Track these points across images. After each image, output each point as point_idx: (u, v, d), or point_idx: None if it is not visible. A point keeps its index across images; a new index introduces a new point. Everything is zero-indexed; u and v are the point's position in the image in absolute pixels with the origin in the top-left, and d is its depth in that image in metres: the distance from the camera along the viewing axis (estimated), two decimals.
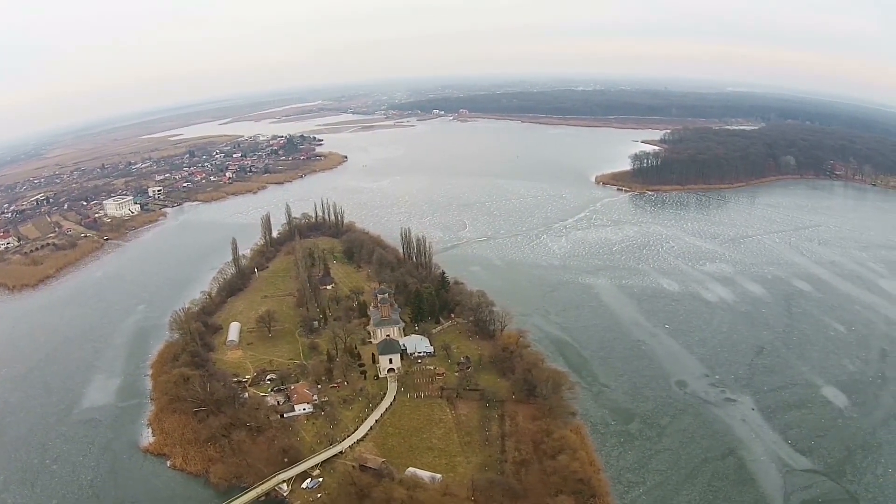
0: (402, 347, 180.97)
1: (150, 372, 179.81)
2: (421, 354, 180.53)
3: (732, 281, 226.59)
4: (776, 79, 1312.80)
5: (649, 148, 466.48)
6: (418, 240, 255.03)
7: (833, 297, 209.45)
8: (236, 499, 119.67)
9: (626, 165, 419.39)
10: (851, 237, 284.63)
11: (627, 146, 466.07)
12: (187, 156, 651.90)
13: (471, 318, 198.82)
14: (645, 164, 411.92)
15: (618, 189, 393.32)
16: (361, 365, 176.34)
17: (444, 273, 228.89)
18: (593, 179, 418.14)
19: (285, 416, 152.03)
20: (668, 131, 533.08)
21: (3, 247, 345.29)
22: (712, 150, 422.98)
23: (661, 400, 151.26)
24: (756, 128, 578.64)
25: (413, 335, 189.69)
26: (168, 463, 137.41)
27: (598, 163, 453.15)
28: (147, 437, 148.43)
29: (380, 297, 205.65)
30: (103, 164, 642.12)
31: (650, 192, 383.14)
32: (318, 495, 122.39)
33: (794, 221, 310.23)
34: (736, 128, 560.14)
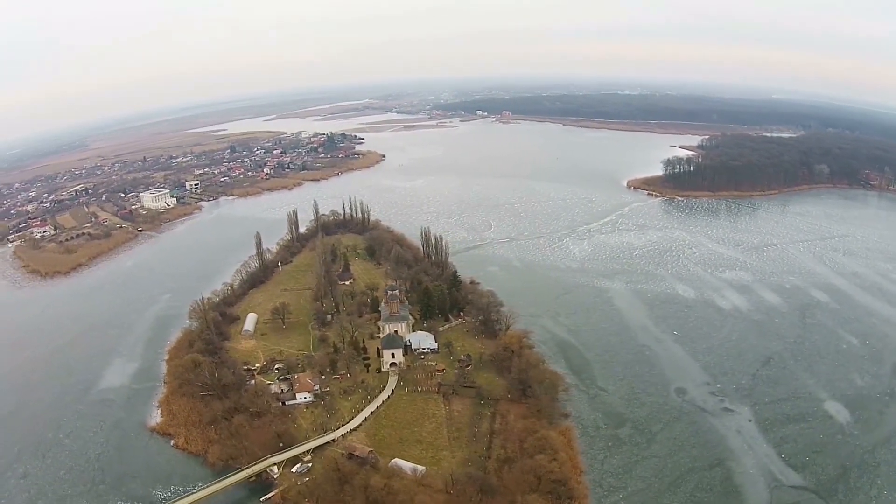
0: (407, 343, 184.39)
1: (166, 357, 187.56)
2: (425, 350, 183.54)
3: (749, 289, 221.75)
4: (821, 86, 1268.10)
5: (685, 153, 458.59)
6: (436, 239, 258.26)
7: (851, 309, 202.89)
8: (227, 478, 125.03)
9: (660, 170, 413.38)
10: (878, 248, 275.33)
11: (664, 151, 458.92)
12: (228, 151, 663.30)
13: (479, 318, 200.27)
14: (677, 170, 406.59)
15: (648, 194, 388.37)
16: (366, 358, 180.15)
17: (456, 272, 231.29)
18: (625, 184, 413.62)
19: (286, 403, 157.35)
20: (706, 137, 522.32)
21: (39, 235, 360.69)
22: (746, 156, 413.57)
23: (656, 406, 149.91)
24: (794, 135, 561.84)
25: (419, 332, 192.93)
26: (172, 442, 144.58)
27: (633, 167, 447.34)
28: (155, 418, 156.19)
29: (389, 293, 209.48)
30: (144, 157, 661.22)
31: (680, 198, 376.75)
32: (306, 479, 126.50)
33: (821, 231, 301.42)
34: (774, 135, 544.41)
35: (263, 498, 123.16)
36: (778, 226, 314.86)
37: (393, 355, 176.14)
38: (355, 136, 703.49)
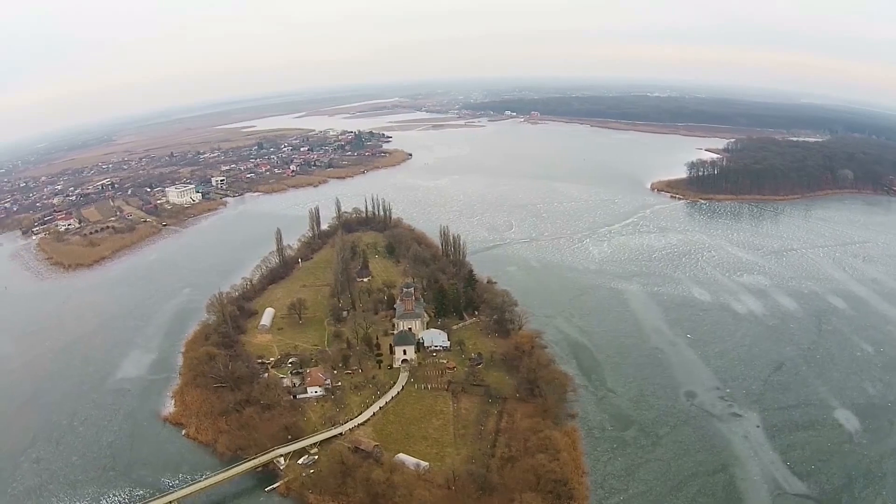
0: (420, 340, 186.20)
1: (182, 349, 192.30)
2: (437, 348, 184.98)
3: (766, 294, 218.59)
4: (849, 91, 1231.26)
5: (710, 156, 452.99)
6: (454, 238, 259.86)
7: (867, 315, 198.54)
8: (234, 467, 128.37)
9: (684, 173, 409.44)
10: None
11: (689, 153, 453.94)
12: (256, 147, 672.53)
13: (493, 317, 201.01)
14: (701, 173, 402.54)
15: (671, 196, 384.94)
16: (379, 355, 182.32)
17: (471, 271, 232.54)
18: (648, 186, 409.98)
19: (297, 396, 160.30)
20: (732, 140, 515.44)
21: (63, 228, 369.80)
22: (770, 160, 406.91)
23: (664, 409, 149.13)
24: (820, 140, 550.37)
25: (432, 329, 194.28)
26: (183, 432, 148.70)
27: (657, 169, 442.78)
28: (168, 408, 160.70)
29: (404, 290, 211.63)
30: (172, 153, 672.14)
31: (703, 201, 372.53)
32: (311, 471, 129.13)
33: (842, 236, 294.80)
34: (799, 139, 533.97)
35: (268, 488, 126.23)
36: (799, 230, 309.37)
37: (405, 352, 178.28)
38: (383, 135, 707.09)
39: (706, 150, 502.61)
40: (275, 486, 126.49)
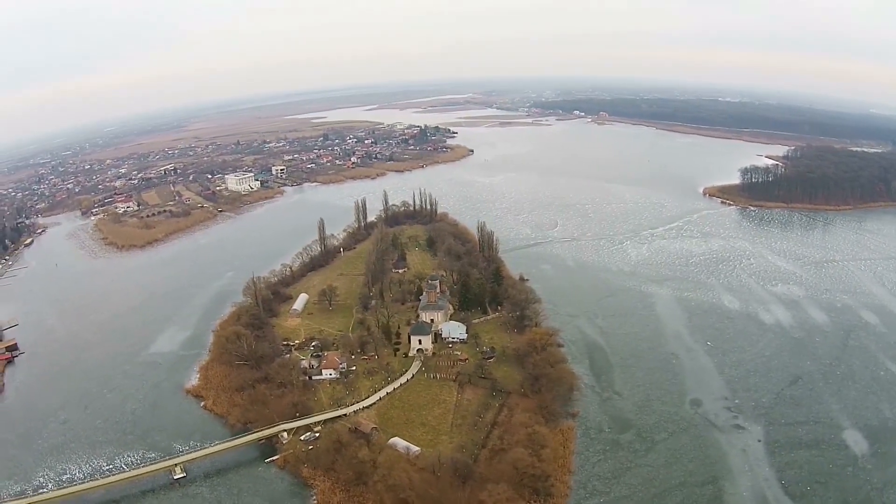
0: (437, 331, 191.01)
1: (215, 328, 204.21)
2: (454, 340, 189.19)
3: (798, 305, 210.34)
4: None
5: (766, 163, 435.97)
6: (488, 234, 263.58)
7: None
8: (239, 437, 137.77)
9: (738, 179, 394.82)
10: None
11: (749, 159, 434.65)
12: (321, 139, 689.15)
13: (516, 313, 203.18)
14: (754, 179, 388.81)
15: (722, 202, 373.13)
16: (398, 343, 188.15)
17: (499, 267, 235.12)
18: (701, 190, 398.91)
19: (312, 378, 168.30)
20: (793, 148, 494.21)
21: (122, 210, 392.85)
22: (824, 169, 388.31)
23: (666, 415, 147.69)
24: (880, 151, 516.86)
25: (452, 321, 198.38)
26: (202, 404, 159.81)
27: (713, 174, 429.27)
28: (193, 381, 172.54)
29: (430, 283, 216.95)
30: (238, 141, 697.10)
31: (753, 208, 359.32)
32: (309, 447, 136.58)
33: (887, 250, 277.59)
34: (858, 149, 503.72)
35: (268, 460, 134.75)
36: (844, 242, 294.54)
37: (420, 342, 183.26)
38: (448, 130, 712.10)
39: (766, 156, 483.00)
40: (274, 458, 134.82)
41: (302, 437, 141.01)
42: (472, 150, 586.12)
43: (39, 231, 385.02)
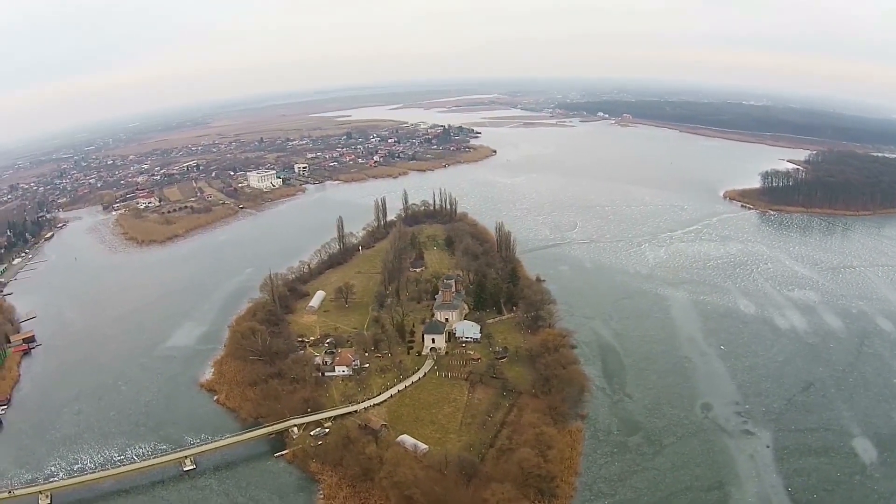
0: (451, 330, 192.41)
1: (231, 324, 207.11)
2: (467, 339, 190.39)
3: (813, 310, 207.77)
4: None
5: (787, 167, 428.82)
6: (506, 234, 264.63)
7: None
8: (249, 431, 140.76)
9: (759, 183, 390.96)
10: None
11: (771, 163, 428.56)
12: (345, 137, 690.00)
13: (531, 314, 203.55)
14: (775, 183, 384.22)
15: (741, 206, 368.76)
16: (411, 341, 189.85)
17: (515, 267, 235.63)
18: (721, 194, 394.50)
19: (325, 374, 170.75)
20: (814, 152, 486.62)
21: (143, 205, 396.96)
22: (845, 174, 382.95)
23: (675, 419, 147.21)
24: None
25: (466, 321, 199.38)
26: (214, 398, 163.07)
27: (734, 177, 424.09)
28: (207, 375, 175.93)
29: (445, 282, 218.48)
30: (261, 138, 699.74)
31: (773, 212, 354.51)
32: (319, 442, 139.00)
33: None
34: (880, 154, 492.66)
35: (277, 454, 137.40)
36: (863, 248, 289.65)
37: (433, 340, 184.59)
38: (472, 130, 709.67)
39: (788, 160, 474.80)
40: (283, 452, 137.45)
41: (312, 433, 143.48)
42: (495, 151, 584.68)
43: (60, 225, 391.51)
